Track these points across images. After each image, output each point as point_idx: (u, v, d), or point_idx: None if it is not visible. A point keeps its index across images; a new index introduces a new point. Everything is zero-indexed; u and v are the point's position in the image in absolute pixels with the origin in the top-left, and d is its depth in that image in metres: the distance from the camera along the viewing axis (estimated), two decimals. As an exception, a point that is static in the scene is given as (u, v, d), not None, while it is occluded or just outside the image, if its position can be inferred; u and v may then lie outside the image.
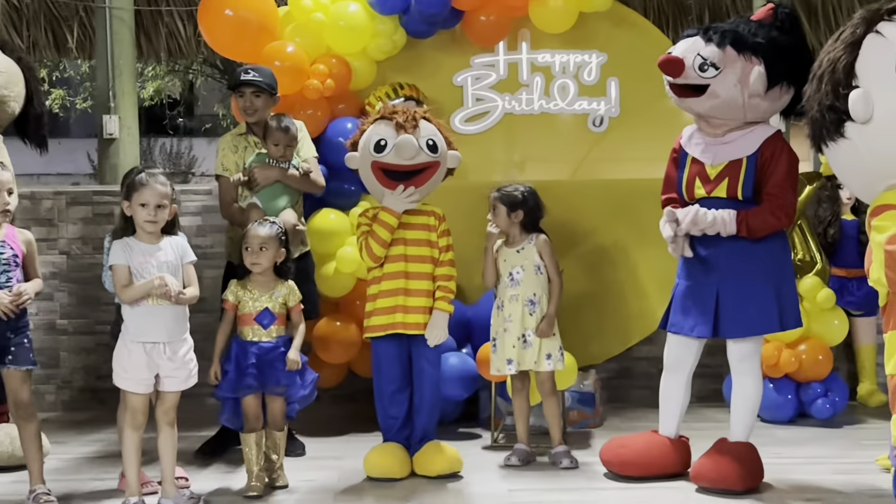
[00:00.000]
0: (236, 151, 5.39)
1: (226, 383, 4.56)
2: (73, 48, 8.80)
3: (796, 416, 6.08)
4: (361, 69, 6.21)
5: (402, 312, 4.85)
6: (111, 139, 7.73)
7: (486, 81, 6.45)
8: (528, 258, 5.10)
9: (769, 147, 4.56)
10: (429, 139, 4.82)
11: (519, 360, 5.04)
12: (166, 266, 4.20)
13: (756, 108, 4.59)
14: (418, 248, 4.92)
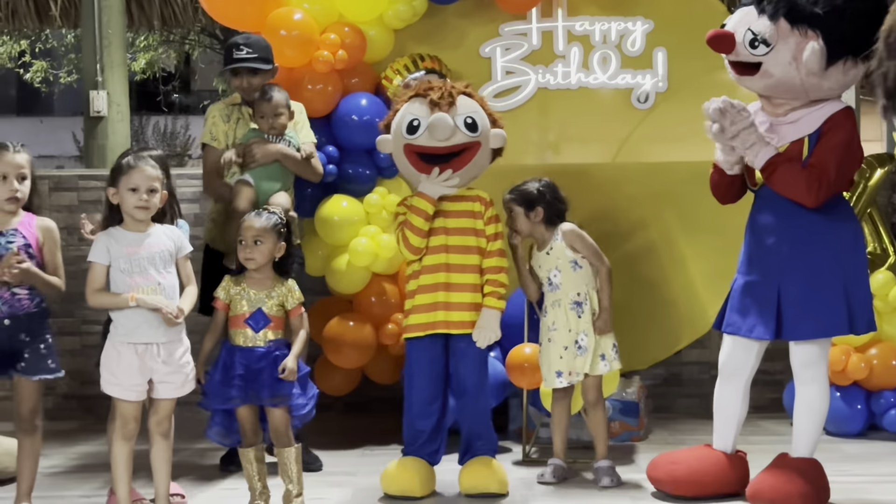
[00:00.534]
0: (227, 121, 5.40)
1: (212, 392, 4.40)
2: (57, 16, 8.76)
3: (866, 428, 5.97)
4: (377, 39, 6.04)
5: (444, 310, 4.71)
6: (99, 117, 7.62)
7: (516, 52, 6.27)
8: (561, 256, 4.94)
9: (829, 123, 4.40)
10: (467, 117, 4.70)
11: (570, 370, 4.87)
12: (158, 257, 4.14)
13: (818, 88, 4.42)
14: (462, 237, 4.77)
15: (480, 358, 4.83)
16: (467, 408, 4.82)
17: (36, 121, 21.73)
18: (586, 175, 5.22)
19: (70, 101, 20.32)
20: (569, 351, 4.88)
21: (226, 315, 4.43)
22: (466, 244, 4.75)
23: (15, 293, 4.12)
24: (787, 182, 4.37)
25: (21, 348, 4.13)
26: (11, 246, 4.10)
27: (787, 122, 4.51)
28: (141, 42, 16.35)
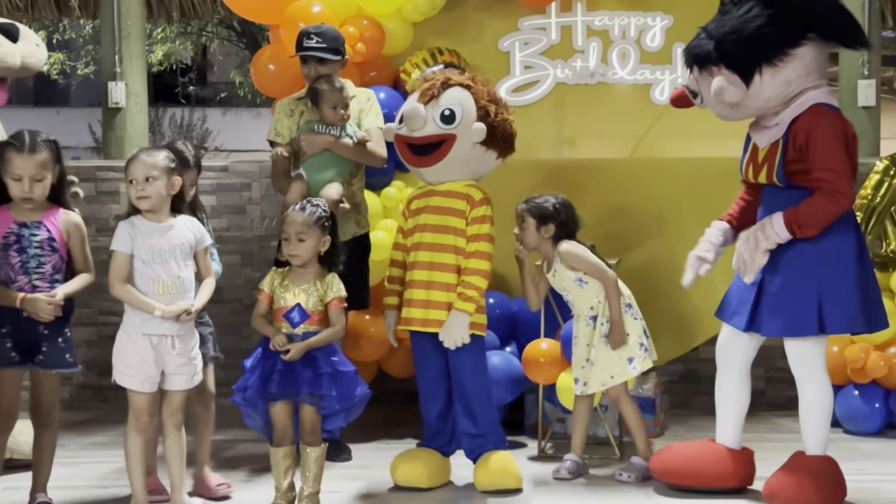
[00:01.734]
0: (291, 116, 5.35)
1: (250, 389, 4.35)
2: (76, 6, 8.70)
3: (885, 426, 5.96)
4: (396, 32, 6.13)
5: (424, 308, 4.73)
6: (116, 108, 7.66)
7: (535, 47, 6.33)
8: (564, 277, 4.98)
9: (801, 124, 4.35)
10: (446, 109, 4.68)
11: (584, 380, 4.97)
12: (179, 249, 4.13)
13: (759, 106, 4.46)
14: (444, 235, 4.73)
15: (475, 353, 4.82)
16: (461, 396, 4.78)
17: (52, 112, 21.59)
18: (605, 171, 5.23)
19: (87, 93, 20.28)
20: (585, 364, 5.00)
21: (268, 305, 4.43)
22: (443, 242, 4.72)
23: (36, 286, 4.10)
24: (813, 220, 4.32)
25: (40, 342, 4.12)
26: (35, 238, 4.10)
27: (771, 126, 4.51)
28: (158, 34, 16.36)
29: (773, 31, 4.30)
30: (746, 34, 4.31)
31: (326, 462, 4.49)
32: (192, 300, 4.19)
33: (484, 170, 4.86)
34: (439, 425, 4.90)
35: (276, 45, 5.85)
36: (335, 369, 4.35)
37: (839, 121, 4.39)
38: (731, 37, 4.34)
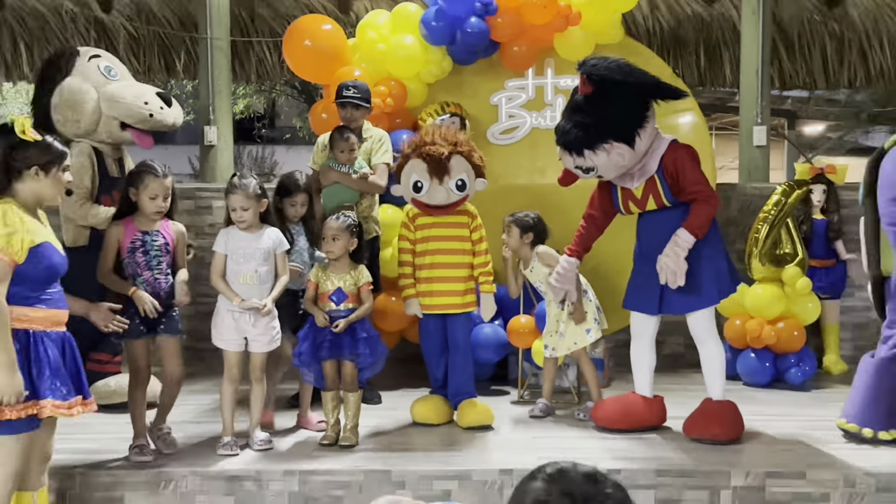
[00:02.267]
0: (324, 150, 5.37)
1: (306, 355, 4.47)
2: (181, 71, 8.81)
3: (773, 381, 5.97)
4: (415, 90, 6.11)
5: (441, 296, 4.82)
6: (210, 146, 7.64)
7: (517, 101, 6.32)
8: (540, 272, 5.09)
9: (668, 159, 4.46)
10: (458, 180, 4.69)
11: (553, 347, 5.10)
12: (260, 253, 4.27)
13: (639, 153, 4.45)
14: (452, 242, 4.83)
15: (466, 328, 4.91)
16: (457, 360, 4.84)
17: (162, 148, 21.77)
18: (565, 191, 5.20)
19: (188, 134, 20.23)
20: (554, 335, 5.08)
21: (315, 291, 4.49)
22: (455, 248, 4.79)
23: (157, 279, 4.19)
24: (705, 220, 4.42)
25: (160, 315, 4.18)
26: (156, 242, 4.18)
27: (637, 173, 4.52)
28: (240, 90, 16.26)
29: (637, 106, 4.41)
30: (622, 117, 4.38)
31: (362, 404, 4.59)
32: (263, 297, 4.27)
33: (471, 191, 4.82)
34: (443, 381, 4.94)
35: (328, 99, 5.84)
36: (367, 335, 4.51)
37: (688, 149, 4.53)
38: (615, 123, 4.36)
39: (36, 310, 3.43)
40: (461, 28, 5.83)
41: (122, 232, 4.19)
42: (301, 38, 5.95)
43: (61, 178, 3.52)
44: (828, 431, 4.73)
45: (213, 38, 7.52)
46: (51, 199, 3.54)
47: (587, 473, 1.67)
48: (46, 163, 3.45)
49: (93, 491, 4.05)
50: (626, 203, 4.63)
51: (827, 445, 4.48)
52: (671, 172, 4.43)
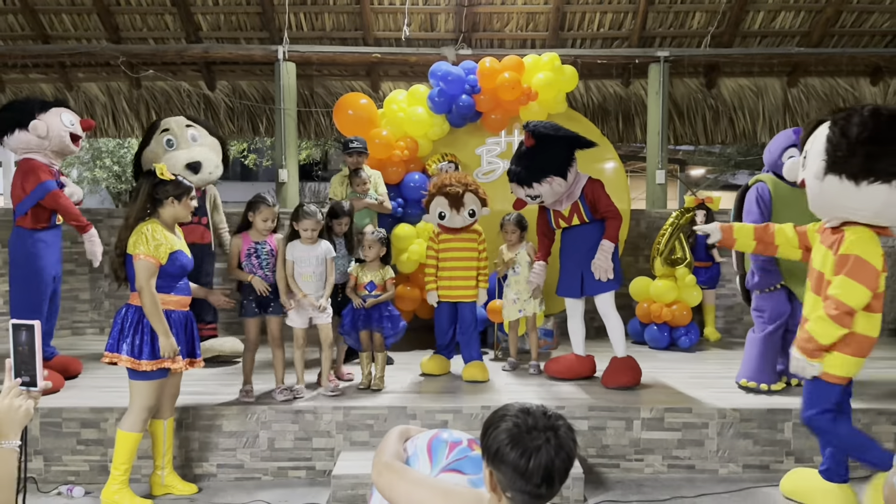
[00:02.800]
0: (342, 186, 5.29)
1: (347, 326, 4.48)
2: (262, 131, 8.75)
3: (669, 345, 5.91)
4: (424, 145, 6.04)
5: (457, 290, 4.76)
6: (283, 183, 7.57)
7: (494, 152, 6.24)
8: (523, 259, 4.98)
9: (588, 189, 4.47)
10: (470, 210, 4.66)
11: (523, 310, 5.03)
12: (315, 259, 4.20)
13: (568, 184, 4.45)
14: (466, 252, 4.75)
15: (472, 312, 4.81)
16: (466, 334, 4.77)
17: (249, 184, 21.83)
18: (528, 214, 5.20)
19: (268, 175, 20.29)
20: (517, 305, 5.01)
21: (356, 283, 4.48)
22: (468, 256, 4.72)
23: (266, 275, 4.16)
24: (615, 231, 4.42)
25: (270, 300, 4.18)
26: (264, 249, 4.17)
27: (565, 199, 4.50)
28: (303, 144, 16.23)
29: (565, 152, 4.42)
30: (555, 159, 4.37)
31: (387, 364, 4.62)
32: (319, 290, 4.23)
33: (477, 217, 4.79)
34: (446, 344, 4.90)
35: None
36: (390, 314, 4.51)
37: (600, 182, 4.53)
38: (551, 163, 4.36)
39: (170, 296, 3.52)
40: (456, 103, 5.85)
41: (241, 243, 4.17)
42: (346, 109, 5.93)
43: (189, 205, 3.59)
44: (707, 380, 4.72)
45: (285, 108, 7.50)
46: (183, 218, 3.62)
47: (542, 411, 1.67)
48: (179, 194, 3.53)
49: (201, 420, 4.05)
50: (557, 221, 4.62)
51: (706, 390, 4.47)
52: (590, 199, 4.44)
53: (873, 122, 3.05)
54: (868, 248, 3.14)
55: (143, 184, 3.54)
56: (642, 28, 7.80)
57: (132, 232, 3.44)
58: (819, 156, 3.18)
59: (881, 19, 7.88)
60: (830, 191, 3.17)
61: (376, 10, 7.65)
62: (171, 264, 3.46)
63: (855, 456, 3.47)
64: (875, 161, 3.03)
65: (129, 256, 3.43)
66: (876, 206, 3.11)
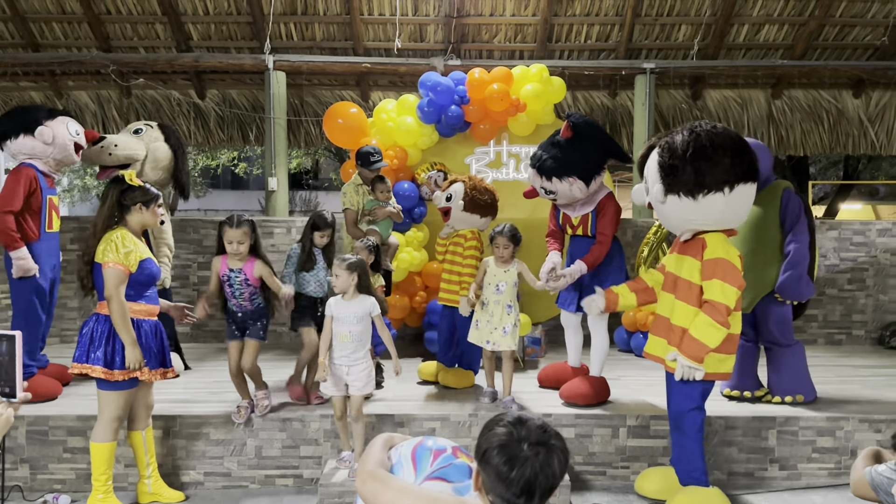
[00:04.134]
0: (357, 194, 5.02)
1: None
2: (253, 139, 8.72)
3: None
4: (413, 154, 6.04)
5: (453, 294, 4.62)
6: (272, 192, 7.54)
7: (483, 162, 6.26)
8: (511, 277, 4.28)
9: (601, 204, 4.34)
10: (448, 194, 4.65)
11: (494, 343, 4.31)
12: (353, 317, 3.65)
13: (588, 192, 4.32)
14: (456, 256, 4.65)
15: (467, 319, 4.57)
16: (462, 340, 4.61)
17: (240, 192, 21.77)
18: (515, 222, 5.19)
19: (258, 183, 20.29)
20: (497, 331, 4.29)
21: None
22: (455, 260, 4.61)
23: (241, 304, 3.93)
24: (596, 259, 4.29)
25: (246, 326, 4.00)
26: (238, 278, 3.87)
27: (578, 207, 4.40)
28: (293, 153, 16.16)
29: (598, 159, 4.30)
30: (586, 160, 4.24)
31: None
32: (357, 352, 3.66)
33: (475, 224, 4.62)
34: (447, 351, 4.79)
35: (353, 160, 5.79)
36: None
37: (617, 205, 4.39)
38: (581, 162, 4.23)
39: (139, 304, 3.47)
40: (445, 113, 5.85)
41: (219, 266, 3.92)
42: (336, 118, 5.92)
43: (156, 212, 3.53)
44: None
45: (275, 117, 7.49)
46: (151, 226, 3.57)
47: (539, 425, 1.67)
48: (147, 200, 3.48)
49: (187, 428, 4.02)
50: (566, 225, 4.52)
51: None
52: (601, 212, 4.34)
53: (694, 140, 3.30)
54: (729, 251, 3.36)
55: (111, 191, 3.45)
56: (629, 40, 7.86)
57: (100, 240, 3.37)
58: (655, 180, 3.42)
59: (863, 33, 7.98)
60: (674, 209, 3.41)
61: (366, 20, 7.67)
62: (141, 272, 3.40)
63: (688, 457, 3.51)
64: (704, 175, 3.26)
65: (97, 265, 3.36)
66: (716, 215, 3.35)
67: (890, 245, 6.65)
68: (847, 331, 6.67)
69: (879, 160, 16.03)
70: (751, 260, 4.26)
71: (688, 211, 3.36)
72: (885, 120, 8.65)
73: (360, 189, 5.05)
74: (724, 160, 3.28)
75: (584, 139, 4.27)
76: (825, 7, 7.63)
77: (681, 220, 3.45)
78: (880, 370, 5.48)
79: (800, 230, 4.23)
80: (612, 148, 4.37)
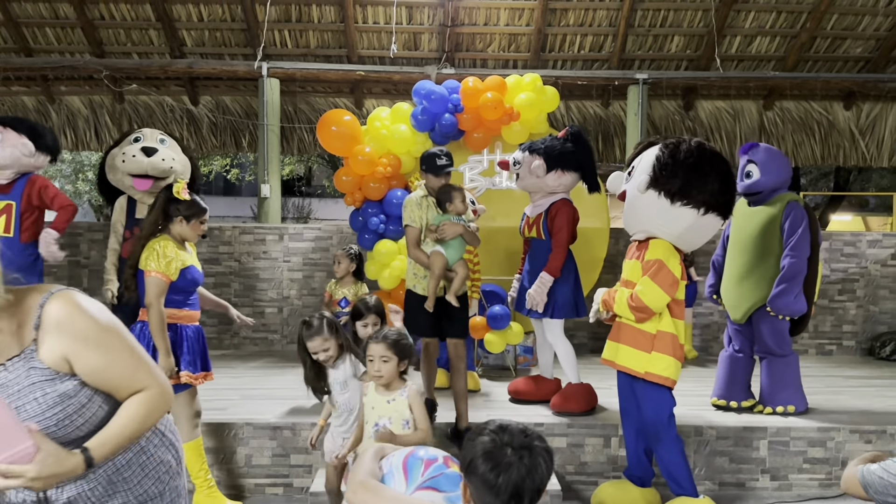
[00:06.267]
0: (420, 209, 3.99)
1: None
2: (245, 146, 8.72)
3: None
4: (407, 162, 5.97)
5: None
6: (265, 198, 7.53)
7: (476, 170, 6.24)
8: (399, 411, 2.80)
9: (555, 207, 4.33)
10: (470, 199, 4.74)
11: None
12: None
13: (545, 182, 4.34)
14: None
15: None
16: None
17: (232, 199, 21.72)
18: (506, 231, 5.18)
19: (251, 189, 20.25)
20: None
21: (330, 298, 4.45)
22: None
23: None
24: (557, 262, 4.24)
25: None
26: None
27: (535, 204, 4.45)
28: (286, 160, 16.11)
29: (570, 158, 4.36)
30: (559, 151, 4.34)
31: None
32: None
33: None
34: (445, 358, 4.81)
35: (347, 167, 5.78)
36: None
37: (573, 209, 4.39)
38: (552, 149, 4.35)
39: (183, 311, 3.50)
40: (439, 121, 5.81)
41: None
42: (329, 125, 5.84)
43: (198, 227, 3.55)
44: (684, 398, 4.56)
45: (268, 124, 7.49)
46: (190, 240, 3.57)
47: (521, 429, 1.67)
48: (189, 215, 3.50)
49: (177, 436, 3.99)
50: (524, 228, 4.56)
51: (683, 408, 4.34)
52: (552, 216, 4.33)
53: (699, 152, 3.35)
54: (670, 256, 3.37)
55: (160, 198, 3.52)
56: (622, 51, 7.90)
57: (144, 248, 3.42)
58: (645, 171, 3.45)
59: (854, 45, 8.06)
60: (646, 203, 3.41)
61: (361, 28, 7.69)
62: (183, 279, 3.44)
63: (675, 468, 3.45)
64: (691, 186, 3.32)
65: (140, 272, 3.41)
66: (680, 229, 3.38)
67: (880, 256, 6.69)
68: (837, 341, 6.70)
69: (870, 171, 16.17)
70: (749, 270, 4.27)
71: (658, 211, 3.37)
72: (876, 131, 8.72)
73: (425, 201, 4.04)
74: (713, 184, 3.34)
75: (570, 141, 4.40)
76: (817, 20, 7.70)
77: (645, 218, 3.45)
78: (871, 381, 5.49)
79: (798, 245, 4.17)
80: (586, 163, 4.44)
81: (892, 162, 8.85)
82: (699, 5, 7.63)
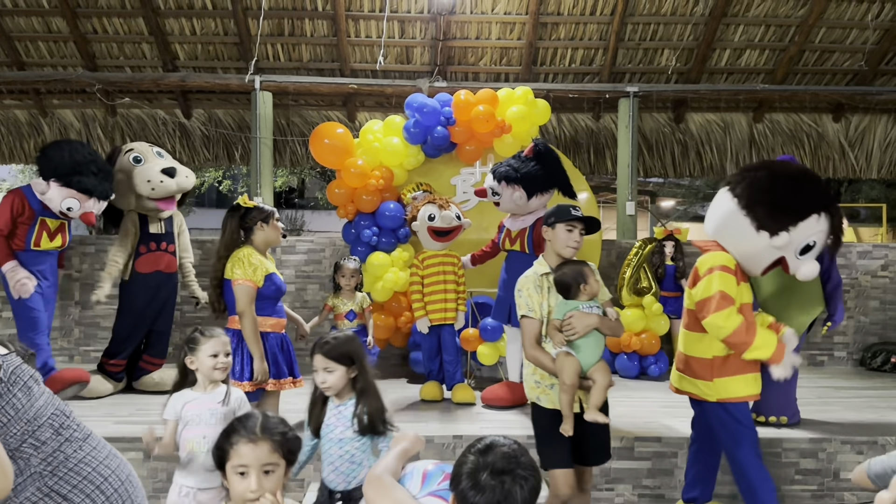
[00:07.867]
0: (539, 292, 3.03)
1: None
2: (238, 158, 8.70)
3: (639, 374, 5.94)
4: (399, 174, 6.02)
5: (444, 312, 4.84)
6: (258, 210, 7.48)
7: (468, 182, 6.27)
8: None
9: (539, 222, 4.29)
10: (456, 213, 4.90)
11: None
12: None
13: (526, 207, 4.52)
14: (450, 276, 4.86)
15: (454, 335, 4.91)
16: (452, 358, 4.87)
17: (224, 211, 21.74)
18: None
19: (243, 202, 20.44)
20: None
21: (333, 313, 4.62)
22: (450, 279, 4.83)
23: None
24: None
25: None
26: None
27: (519, 220, 4.58)
28: (279, 172, 16.17)
29: (544, 183, 4.49)
30: (534, 177, 4.45)
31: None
32: None
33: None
34: (437, 369, 4.95)
35: (339, 179, 5.79)
36: (363, 342, 4.46)
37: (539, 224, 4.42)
38: (529, 176, 4.44)
39: (268, 318, 3.56)
40: (431, 134, 5.86)
41: None
42: (322, 138, 5.89)
43: (277, 226, 3.65)
44: (677, 409, 4.66)
45: (261, 137, 7.50)
46: (274, 241, 3.66)
47: (506, 452, 1.66)
48: (265, 217, 3.61)
49: (169, 450, 3.96)
50: (505, 239, 4.68)
51: (675, 419, 4.46)
52: (537, 232, 4.44)
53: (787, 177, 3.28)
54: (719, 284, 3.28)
55: (228, 220, 3.60)
56: (612, 64, 7.96)
57: (225, 262, 3.48)
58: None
59: (842, 58, 8.14)
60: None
61: (353, 42, 7.73)
62: (268, 287, 3.49)
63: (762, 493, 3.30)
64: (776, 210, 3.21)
65: (226, 282, 3.46)
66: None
67: (870, 267, 6.73)
68: (829, 352, 6.72)
69: (859, 183, 16.29)
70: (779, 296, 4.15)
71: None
72: (865, 144, 8.79)
73: (546, 281, 3.08)
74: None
75: (541, 161, 4.49)
76: (805, 33, 7.78)
77: None
78: (862, 392, 5.51)
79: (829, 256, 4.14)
80: (560, 178, 4.56)
81: (881, 173, 8.93)
82: (689, 19, 7.71)
